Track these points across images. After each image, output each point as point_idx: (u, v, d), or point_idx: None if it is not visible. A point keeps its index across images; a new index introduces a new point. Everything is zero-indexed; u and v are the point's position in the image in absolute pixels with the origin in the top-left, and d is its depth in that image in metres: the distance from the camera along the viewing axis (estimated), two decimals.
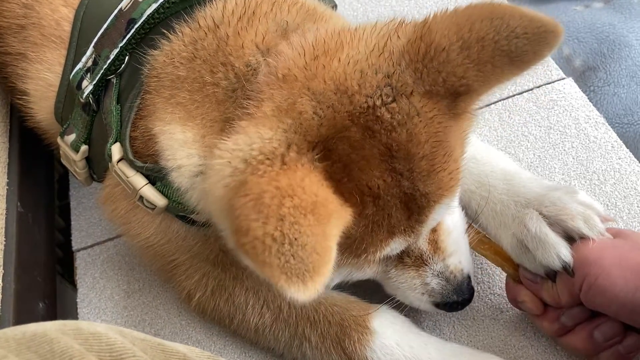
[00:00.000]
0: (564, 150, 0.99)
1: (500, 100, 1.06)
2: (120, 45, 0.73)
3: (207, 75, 0.68)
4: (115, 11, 0.74)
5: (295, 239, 0.50)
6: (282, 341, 0.81)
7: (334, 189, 0.57)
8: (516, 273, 0.78)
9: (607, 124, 1.01)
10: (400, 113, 0.58)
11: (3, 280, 0.87)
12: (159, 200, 0.75)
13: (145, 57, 0.72)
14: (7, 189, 0.95)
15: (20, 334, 0.50)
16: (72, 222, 1.04)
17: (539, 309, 0.76)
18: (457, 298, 0.74)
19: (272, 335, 0.82)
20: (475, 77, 0.58)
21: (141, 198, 0.75)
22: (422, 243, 0.72)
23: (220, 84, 0.67)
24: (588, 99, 1.05)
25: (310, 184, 0.54)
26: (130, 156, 0.74)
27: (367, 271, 0.72)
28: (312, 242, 0.50)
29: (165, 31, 0.71)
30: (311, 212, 0.51)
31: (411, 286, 0.74)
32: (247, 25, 0.68)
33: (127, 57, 0.74)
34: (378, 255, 0.65)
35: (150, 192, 0.74)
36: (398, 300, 0.79)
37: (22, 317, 0.86)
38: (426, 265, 0.73)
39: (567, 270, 0.71)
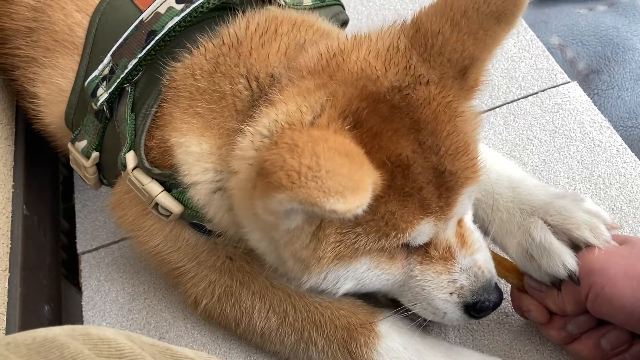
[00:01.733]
0: (569, 154, 0.99)
1: (505, 104, 1.06)
2: (139, 56, 0.74)
3: (227, 87, 0.70)
4: (136, 22, 0.75)
5: (333, 169, 0.51)
6: (288, 345, 0.81)
7: (365, 152, 0.59)
8: (521, 282, 0.78)
9: (611, 127, 1.01)
10: (423, 96, 0.64)
11: (9, 283, 0.87)
12: (175, 207, 0.76)
13: (164, 68, 0.73)
14: (12, 192, 0.95)
15: (30, 339, 0.50)
16: (77, 225, 1.04)
17: (544, 317, 0.76)
18: (487, 296, 0.71)
19: (279, 339, 0.82)
20: (474, 46, 0.65)
21: (156, 205, 0.76)
22: (450, 234, 0.70)
23: (240, 95, 0.69)
24: (592, 102, 1.06)
25: (343, 139, 0.57)
26: (146, 164, 0.74)
27: (386, 269, 0.69)
28: (348, 173, 0.52)
29: (188, 45, 0.73)
30: (346, 155, 0.54)
31: (438, 284, 0.71)
32: (269, 41, 0.71)
33: (143, 68, 0.75)
34: (409, 234, 0.64)
35: (166, 199, 0.75)
36: (408, 311, 0.75)
37: (28, 319, 0.86)
38: (454, 259, 0.71)
39: (573, 278, 0.71)
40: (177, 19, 0.73)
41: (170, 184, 0.75)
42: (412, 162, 0.62)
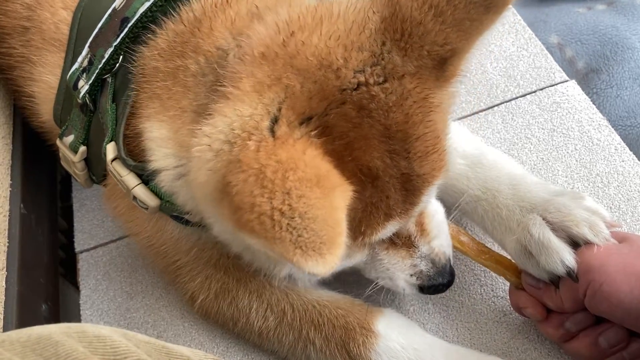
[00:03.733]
0: (567, 152, 0.99)
1: (503, 103, 1.06)
2: (115, 44, 0.72)
3: (179, 64, 0.67)
4: (109, 10, 0.74)
5: (305, 212, 0.48)
6: (286, 344, 0.81)
7: (335, 165, 0.56)
8: (519, 280, 0.78)
9: (610, 126, 1.01)
10: (394, 94, 0.58)
11: (6, 282, 0.86)
12: (151, 201, 0.74)
13: (134, 55, 0.72)
14: (10, 191, 0.94)
15: (25, 336, 0.50)
16: (75, 224, 1.04)
17: (542, 315, 0.76)
18: (442, 280, 0.75)
19: (276, 339, 0.82)
20: (457, 38, 0.59)
21: (135, 198, 0.75)
22: (411, 225, 0.73)
23: (189, 70, 0.66)
24: (591, 101, 1.06)
25: (312, 157, 0.53)
26: (123, 155, 0.73)
27: (356, 257, 0.71)
28: (323, 215, 0.49)
29: (154, 28, 0.71)
30: (316, 184, 0.50)
31: (401, 267, 0.74)
32: (219, 11, 0.68)
33: (121, 56, 0.73)
34: (374, 237, 0.64)
35: (142, 192, 0.74)
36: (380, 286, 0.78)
37: (25, 318, 0.86)
38: (415, 246, 0.74)
39: (571, 275, 0.71)
40: (147, 3, 0.71)
41: (147, 175, 0.73)
42: (381, 173, 0.59)
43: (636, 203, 0.92)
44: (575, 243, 0.73)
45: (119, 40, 0.72)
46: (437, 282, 0.75)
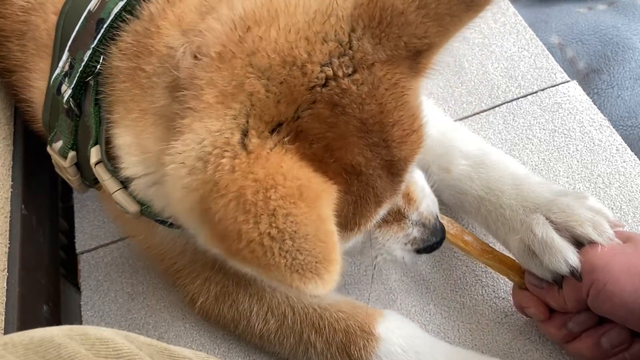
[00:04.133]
0: (569, 153, 0.99)
1: (504, 103, 1.06)
2: (92, 46, 0.69)
3: (136, 64, 0.65)
4: (85, 12, 0.72)
5: (295, 231, 0.46)
6: (287, 347, 0.81)
7: (315, 168, 0.54)
8: (522, 280, 0.78)
9: (611, 126, 1.01)
10: (366, 84, 0.56)
11: (7, 283, 0.86)
12: (130, 206, 0.72)
13: (105, 56, 0.70)
14: (11, 192, 0.94)
15: (27, 339, 0.50)
16: (76, 225, 1.04)
17: (544, 314, 0.76)
18: (435, 239, 0.76)
19: (277, 341, 0.81)
20: (436, 33, 0.57)
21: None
22: (399, 200, 0.73)
23: (144, 70, 0.64)
24: (592, 101, 1.06)
25: (289, 168, 0.51)
26: (104, 158, 0.71)
27: (351, 242, 0.70)
28: (313, 230, 0.47)
29: (122, 27, 0.69)
30: (299, 198, 0.48)
31: (396, 240, 0.75)
32: (167, 8, 0.65)
33: (102, 58, 0.71)
34: (369, 225, 0.64)
35: (122, 197, 0.72)
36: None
37: (26, 319, 0.86)
38: (405, 217, 0.74)
39: (575, 275, 0.71)
40: (121, 3, 0.69)
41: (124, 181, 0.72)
42: (364, 168, 0.58)
43: (638, 204, 0.92)
44: (579, 243, 0.73)
45: (95, 42, 0.69)
46: (431, 242, 0.76)
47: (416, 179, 0.76)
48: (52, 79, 0.75)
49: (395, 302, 0.88)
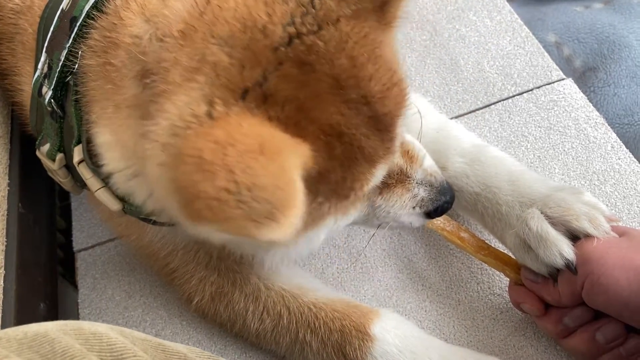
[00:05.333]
0: (564, 150, 0.99)
1: (500, 101, 1.07)
2: (67, 45, 0.69)
3: (105, 60, 0.64)
4: (58, 12, 0.71)
5: (253, 183, 0.45)
6: (284, 346, 0.81)
7: (292, 134, 0.53)
8: (518, 276, 0.78)
9: (607, 124, 1.02)
10: (333, 40, 0.55)
11: (4, 281, 0.86)
12: (113, 205, 0.72)
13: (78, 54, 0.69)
14: (8, 190, 0.94)
15: (21, 334, 0.50)
16: (73, 223, 1.04)
17: (540, 310, 0.76)
18: (445, 198, 0.73)
19: (274, 340, 0.82)
20: None
21: None
22: (398, 158, 0.70)
23: (113, 64, 0.63)
24: (588, 99, 1.06)
25: (250, 126, 0.50)
26: (86, 157, 0.71)
27: (352, 213, 0.69)
28: (272, 181, 0.46)
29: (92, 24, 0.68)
30: (260, 153, 0.47)
31: (402, 204, 0.72)
32: None
33: (78, 57, 0.70)
34: (366, 189, 0.63)
35: (104, 196, 0.72)
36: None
37: (23, 317, 0.86)
38: (409, 177, 0.72)
39: (570, 267, 0.71)
40: (92, 0, 0.68)
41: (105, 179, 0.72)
42: (344, 126, 0.56)
43: (632, 200, 0.92)
44: (575, 237, 0.73)
45: (70, 41, 0.69)
46: (441, 202, 0.73)
47: (412, 140, 0.74)
48: (33, 82, 0.74)
49: (392, 299, 0.89)
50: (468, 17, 1.19)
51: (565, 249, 0.71)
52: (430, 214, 0.74)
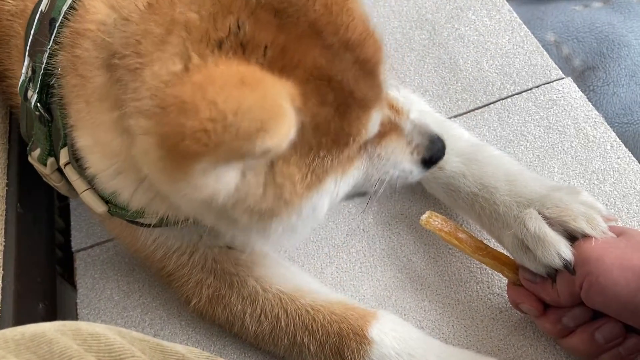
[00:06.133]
0: (563, 149, 0.99)
1: (499, 100, 1.06)
2: (48, 47, 0.69)
3: (73, 55, 0.64)
4: (37, 15, 0.71)
5: (238, 108, 0.45)
6: (282, 348, 0.81)
7: (285, 79, 0.53)
8: (516, 276, 0.78)
9: (606, 123, 1.01)
10: None
11: (3, 281, 0.86)
12: (98, 207, 0.73)
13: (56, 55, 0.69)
14: (6, 190, 0.94)
15: (19, 334, 0.50)
16: (72, 223, 1.04)
17: (539, 310, 0.76)
18: (439, 145, 0.75)
19: (272, 341, 0.81)
20: None
21: None
22: (385, 110, 0.71)
23: (80, 57, 0.63)
24: (587, 98, 1.06)
25: (229, 66, 0.50)
26: (71, 159, 0.71)
27: (353, 173, 0.68)
28: (258, 103, 0.45)
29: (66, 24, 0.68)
30: (242, 84, 0.47)
31: (400, 148, 0.73)
32: None
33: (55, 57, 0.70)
34: (365, 134, 0.63)
35: (89, 198, 0.72)
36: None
37: (22, 317, 0.86)
38: (399, 126, 0.72)
39: (568, 268, 0.71)
40: (69, 0, 0.68)
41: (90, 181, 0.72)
42: (331, 71, 0.57)
43: (631, 200, 0.92)
44: (573, 237, 0.73)
45: (51, 42, 0.69)
46: (435, 149, 0.74)
47: (397, 94, 0.75)
48: (19, 86, 0.74)
49: (391, 299, 0.89)
50: (467, 16, 1.18)
51: (563, 250, 0.71)
52: (426, 162, 0.75)
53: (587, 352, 0.73)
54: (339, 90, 0.59)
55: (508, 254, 0.81)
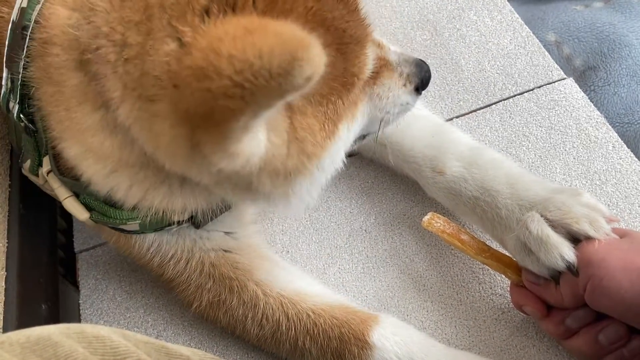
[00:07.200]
0: (565, 150, 0.99)
1: (500, 101, 1.07)
2: (23, 56, 0.68)
3: (44, 63, 0.64)
4: (10, 25, 0.70)
5: (259, 52, 0.43)
6: (284, 351, 0.81)
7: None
8: (519, 278, 0.78)
9: (607, 123, 1.01)
10: None
11: (6, 282, 0.86)
12: (80, 214, 0.73)
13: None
14: (9, 191, 0.94)
15: (24, 337, 0.50)
16: (74, 224, 1.04)
17: (542, 312, 0.76)
18: (424, 68, 0.77)
19: (274, 345, 0.82)
20: None
21: None
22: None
23: (51, 65, 0.63)
24: (589, 98, 1.06)
25: (228, 23, 0.49)
26: (53, 167, 0.72)
27: (358, 117, 0.69)
28: (276, 40, 0.44)
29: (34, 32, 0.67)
30: (249, 32, 0.45)
31: (395, 82, 0.74)
32: None
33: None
34: (365, 71, 0.65)
35: (71, 205, 0.73)
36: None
37: (25, 318, 0.86)
38: (386, 60, 0.74)
39: (572, 270, 0.71)
40: (38, 7, 0.68)
41: (72, 188, 0.72)
42: (323, 12, 0.59)
43: (634, 200, 0.92)
44: (576, 240, 0.73)
45: (25, 51, 0.68)
46: (422, 73, 0.77)
47: None
48: (1, 97, 0.74)
49: (393, 300, 0.89)
50: (469, 16, 1.18)
51: (566, 252, 0.71)
52: (418, 88, 0.77)
53: (590, 353, 0.73)
54: (334, 31, 0.60)
55: (511, 256, 0.81)
